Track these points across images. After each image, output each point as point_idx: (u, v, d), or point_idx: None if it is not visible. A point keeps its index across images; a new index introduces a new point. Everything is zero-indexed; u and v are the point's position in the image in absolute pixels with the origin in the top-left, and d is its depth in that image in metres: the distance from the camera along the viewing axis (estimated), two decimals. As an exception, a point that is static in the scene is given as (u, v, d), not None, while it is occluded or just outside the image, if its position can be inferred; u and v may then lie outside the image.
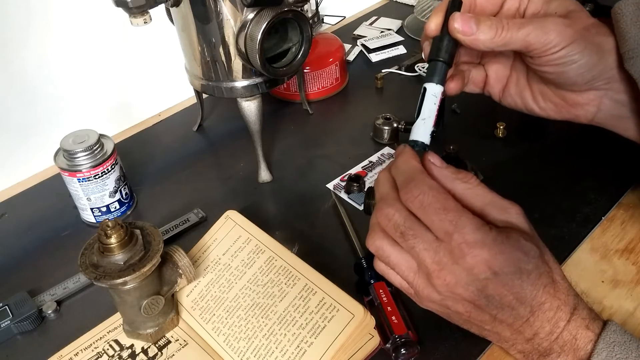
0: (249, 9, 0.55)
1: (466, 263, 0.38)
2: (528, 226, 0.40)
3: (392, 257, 0.41)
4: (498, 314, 0.39)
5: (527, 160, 0.65)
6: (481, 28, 0.43)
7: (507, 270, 0.38)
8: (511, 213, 0.40)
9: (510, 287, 0.38)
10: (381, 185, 0.43)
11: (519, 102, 0.52)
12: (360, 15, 1.04)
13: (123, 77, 0.79)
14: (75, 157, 0.58)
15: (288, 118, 0.78)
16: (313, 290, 0.47)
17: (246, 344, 0.47)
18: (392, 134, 0.70)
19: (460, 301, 0.39)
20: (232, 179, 0.69)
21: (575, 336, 0.39)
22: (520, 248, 0.39)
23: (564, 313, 0.39)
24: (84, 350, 0.49)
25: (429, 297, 0.41)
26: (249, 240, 0.53)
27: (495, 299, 0.39)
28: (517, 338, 0.41)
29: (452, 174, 0.41)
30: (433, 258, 0.39)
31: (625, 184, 0.61)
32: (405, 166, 0.42)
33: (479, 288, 0.38)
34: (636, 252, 0.54)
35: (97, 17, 0.73)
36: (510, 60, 0.51)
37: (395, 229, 0.40)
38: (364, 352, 0.46)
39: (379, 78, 0.82)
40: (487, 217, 0.40)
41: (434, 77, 0.44)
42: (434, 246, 0.39)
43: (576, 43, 0.44)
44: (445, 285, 0.39)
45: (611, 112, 0.49)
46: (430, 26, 0.46)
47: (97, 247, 0.45)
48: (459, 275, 0.38)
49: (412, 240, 0.40)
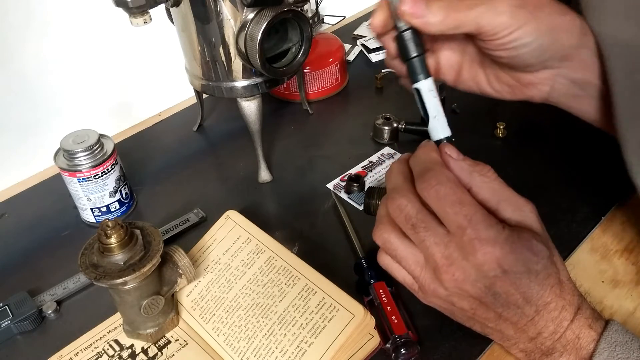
0: (249, 9, 0.55)
1: (477, 259, 0.38)
2: (540, 226, 0.41)
3: (399, 250, 0.41)
4: (503, 312, 0.39)
5: (527, 160, 0.65)
6: (431, 10, 0.41)
7: (516, 270, 0.38)
8: (525, 211, 0.40)
9: (518, 286, 0.38)
10: (394, 176, 0.43)
11: (474, 86, 0.51)
12: (360, 15, 1.04)
13: (123, 77, 0.79)
14: (75, 157, 0.58)
15: (288, 118, 0.78)
16: (313, 290, 0.47)
17: (246, 344, 0.47)
18: (392, 134, 0.70)
19: (466, 298, 0.39)
20: (232, 179, 0.69)
21: (579, 335, 0.40)
22: (531, 248, 0.38)
23: (568, 313, 0.40)
24: (84, 350, 0.49)
25: (434, 292, 0.40)
26: (249, 240, 0.53)
27: (502, 297, 0.39)
28: (520, 337, 0.41)
29: (470, 166, 0.41)
30: (443, 252, 0.39)
31: (626, 184, 0.60)
32: (425, 157, 0.42)
33: (487, 285, 0.38)
34: (636, 252, 0.54)
35: (97, 17, 0.73)
36: (462, 45, 0.50)
37: (407, 220, 0.40)
38: (364, 352, 0.46)
39: (379, 78, 0.82)
40: (501, 213, 0.40)
41: (419, 75, 0.44)
42: (444, 241, 0.39)
43: (529, 25, 0.43)
44: (453, 281, 0.39)
45: (566, 91, 0.48)
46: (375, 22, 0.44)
47: (97, 247, 0.45)
48: (468, 272, 0.38)
49: (424, 233, 0.39)
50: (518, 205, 0.40)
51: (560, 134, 0.68)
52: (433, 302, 0.42)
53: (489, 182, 0.40)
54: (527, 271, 0.38)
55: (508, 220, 0.40)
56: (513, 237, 0.38)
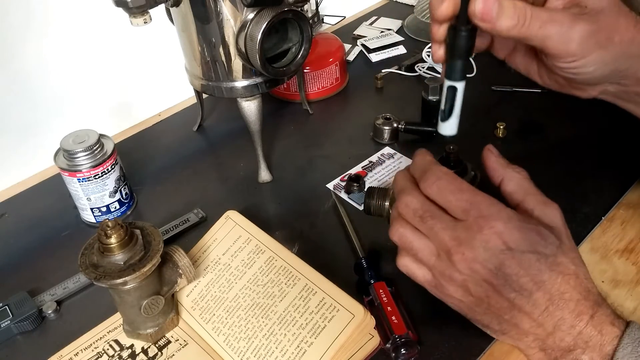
0: (249, 9, 0.55)
1: (483, 235, 0.39)
2: (562, 223, 0.42)
3: (414, 243, 0.43)
4: (516, 298, 0.40)
5: (527, 160, 0.65)
6: (503, 15, 0.39)
7: (522, 248, 0.39)
8: (549, 208, 0.42)
9: (527, 267, 0.39)
10: (398, 180, 0.46)
11: (522, 70, 0.50)
12: (360, 15, 1.04)
13: (123, 77, 0.79)
14: (75, 157, 0.58)
15: (288, 118, 0.78)
16: (313, 290, 0.47)
17: (246, 344, 0.47)
18: (392, 134, 0.70)
19: (479, 282, 0.40)
20: (232, 179, 0.69)
21: (601, 331, 0.40)
22: (538, 232, 0.40)
23: (585, 307, 0.40)
24: (84, 350, 0.49)
25: (450, 279, 0.41)
26: (249, 240, 0.53)
27: (513, 279, 0.40)
28: (537, 332, 0.41)
29: (507, 163, 0.45)
30: (451, 235, 0.41)
31: (626, 184, 0.61)
32: (422, 161, 0.45)
33: (496, 265, 0.39)
34: (636, 252, 0.54)
35: (97, 17, 0.73)
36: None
37: (415, 214, 0.43)
38: (364, 352, 0.46)
39: (379, 78, 0.82)
40: (525, 205, 0.42)
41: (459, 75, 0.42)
42: (451, 225, 0.41)
43: (595, 55, 0.42)
44: (464, 261, 0.40)
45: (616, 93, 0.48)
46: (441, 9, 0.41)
47: (97, 247, 0.45)
48: (477, 250, 0.40)
49: (431, 221, 0.42)
50: (544, 202, 0.42)
51: (560, 134, 0.68)
52: (451, 294, 0.43)
53: (519, 178, 0.44)
54: (533, 251, 0.39)
55: (531, 212, 0.42)
56: (518, 217, 0.40)
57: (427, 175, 0.43)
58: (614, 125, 0.67)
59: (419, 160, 0.46)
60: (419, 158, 0.46)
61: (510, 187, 0.44)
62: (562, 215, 0.42)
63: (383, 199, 0.50)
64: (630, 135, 0.65)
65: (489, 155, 0.46)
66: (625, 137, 0.65)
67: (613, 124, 0.67)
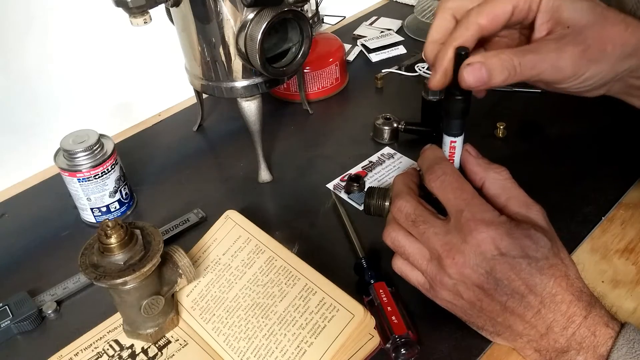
0: (249, 9, 0.55)
1: (473, 239, 0.39)
2: (546, 224, 0.42)
3: (407, 247, 0.44)
4: (508, 302, 0.40)
5: (527, 160, 0.65)
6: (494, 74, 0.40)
7: (513, 253, 0.39)
8: (532, 210, 0.42)
9: (518, 271, 0.39)
10: (395, 185, 0.47)
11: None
12: (360, 15, 1.04)
13: (123, 77, 0.79)
14: (75, 157, 0.58)
15: (288, 118, 0.78)
16: (313, 290, 0.47)
17: (246, 344, 0.47)
18: (392, 134, 0.70)
19: (470, 287, 0.41)
20: (232, 179, 0.69)
21: (595, 332, 0.40)
22: (530, 236, 0.40)
23: (578, 308, 0.40)
24: (84, 350, 0.49)
25: (442, 283, 0.42)
26: (249, 240, 0.53)
27: (504, 283, 0.40)
28: (530, 333, 0.41)
29: (487, 164, 0.44)
30: (442, 240, 0.41)
31: (626, 184, 0.61)
32: (433, 155, 0.46)
33: (487, 270, 0.40)
34: (636, 252, 0.54)
35: (97, 17, 0.73)
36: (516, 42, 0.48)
37: (407, 218, 0.43)
38: (364, 352, 0.46)
39: (379, 78, 0.82)
40: (509, 208, 0.42)
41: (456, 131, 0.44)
42: (443, 230, 0.41)
43: (591, 69, 0.42)
44: (454, 265, 0.40)
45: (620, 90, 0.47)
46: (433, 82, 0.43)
47: (97, 247, 0.45)
48: (468, 255, 0.40)
49: (423, 225, 0.42)
50: (526, 204, 0.42)
51: (560, 134, 0.68)
52: (444, 298, 0.43)
53: (501, 180, 0.43)
54: (525, 256, 0.39)
55: (515, 215, 0.42)
56: (510, 224, 0.40)
57: (435, 168, 0.44)
58: (614, 125, 0.67)
59: (429, 154, 0.46)
60: (429, 152, 0.46)
61: (493, 190, 0.43)
62: (545, 216, 0.42)
63: (383, 199, 0.50)
64: (630, 135, 0.65)
65: (467, 157, 0.45)
66: (625, 137, 0.65)
67: (613, 124, 0.67)
